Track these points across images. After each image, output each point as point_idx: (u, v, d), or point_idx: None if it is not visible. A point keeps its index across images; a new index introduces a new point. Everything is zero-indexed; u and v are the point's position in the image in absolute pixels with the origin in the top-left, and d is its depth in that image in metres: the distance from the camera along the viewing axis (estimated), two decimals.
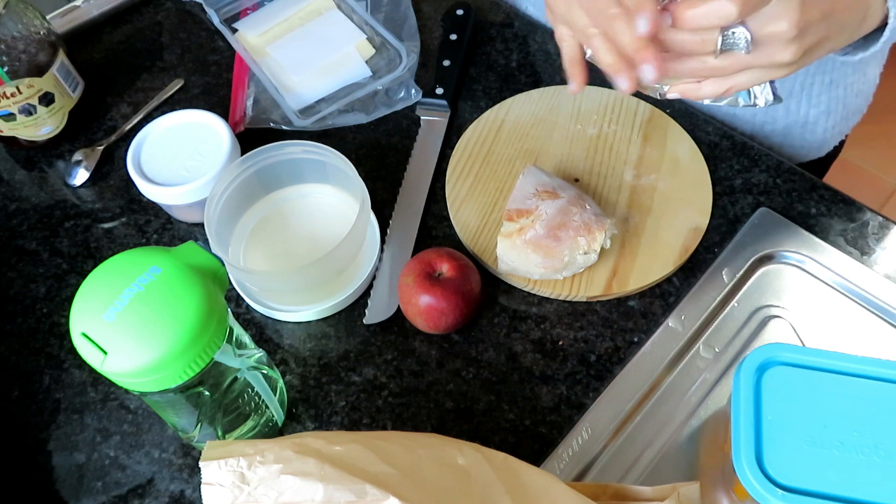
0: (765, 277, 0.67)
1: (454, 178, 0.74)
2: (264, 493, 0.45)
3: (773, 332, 0.65)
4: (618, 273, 0.67)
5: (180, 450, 0.62)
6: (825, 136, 0.84)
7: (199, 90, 0.84)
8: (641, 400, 0.62)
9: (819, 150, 0.86)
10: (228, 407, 0.55)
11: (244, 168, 0.67)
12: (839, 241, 0.68)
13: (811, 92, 0.79)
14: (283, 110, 0.79)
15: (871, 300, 0.65)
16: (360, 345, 0.66)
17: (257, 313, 0.68)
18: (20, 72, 0.71)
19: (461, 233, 0.70)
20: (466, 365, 0.64)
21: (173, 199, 0.69)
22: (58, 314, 0.69)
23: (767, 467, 0.50)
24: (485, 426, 0.62)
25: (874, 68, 0.83)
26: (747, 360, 0.54)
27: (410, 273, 0.63)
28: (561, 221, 0.64)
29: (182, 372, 0.47)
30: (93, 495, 0.60)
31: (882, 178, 1.88)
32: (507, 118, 0.77)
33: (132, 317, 0.46)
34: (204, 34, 0.88)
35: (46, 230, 0.74)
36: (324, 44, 0.84)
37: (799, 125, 0.82)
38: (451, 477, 0.48)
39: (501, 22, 0.87)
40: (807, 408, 0.52)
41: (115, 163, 0.79)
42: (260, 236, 0.71)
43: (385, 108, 0.80)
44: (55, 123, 0.77)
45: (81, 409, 0.64)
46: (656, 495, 0.51)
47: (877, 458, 0.50)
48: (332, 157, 0.67)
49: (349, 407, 0.63)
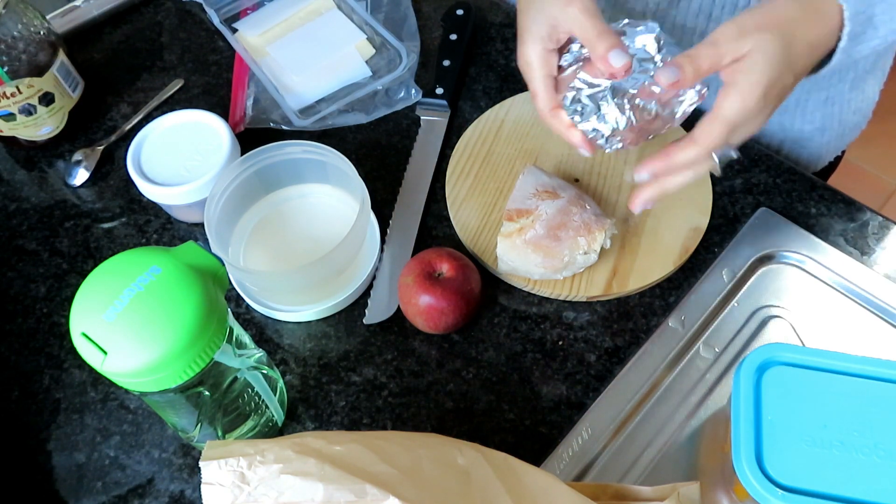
0: (765, 277, 0.67)
1: (454, 178, 0.74)
2: (264, 493, 0.45)
3: (773, 332, 0.65)
4: (618, 273, 0.67)
5: (180, 450, 0.62)
6: (820, 151, 0.84)
7: (199, 90, 0.84)
8: (641, 400, 0.62)
9: (814, 166, 0.85)
10: (228, 407, 0.55)
11: (244, 168, 0.67)
12: (839, 241, 0.68)
13: (805, 108, 0.79)
14: (283, 110, 0.79)
15: (871, 300, 0.65)
16: (360, 345, 0.66)
17: (257, 313, 0.68)
18: (20, 72, 0.71)
19: (461, 233, 0.70)
20: (466, 365, 0.64)
21: (173, 199, 0.69)
22: (58, 314, 0.69)
23: (767, 467, 0.50)
24: (485, 426, 0.62)
25: (873, 85, 0.82)
26: (747, 360, 0.54)
27: (410, 273, 0.63)
28: (561, 221, 0.64)
29: (182, 372, 0.47)
30: (93, 495, 0.60)
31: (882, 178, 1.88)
32: (507, 118, 0.77)
33: (132, 317, 0.46)
34: (204, 34, 0.88)
35: (46, 230, 0.74)
36: (324, 44, 0.84)
37: (791, 141, 0.81)
38: (451, 477, 0.48)
39: (501, 22, 0.87)
40: (807, 408, 0.52)
41: (115, 163, 0.79)
42: (260, 236, 0.71)
43: (385, 108, 0.80)
44: (55, 123, 0.77)
45: (81, 409, 0.64)
46: (656, 495, 0.51)
47: (877, 458, 0.50)
48: (332, 157, 0.67)
49: (349, 407, 0.63)
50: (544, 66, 0.59)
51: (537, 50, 0.59)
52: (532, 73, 0.60)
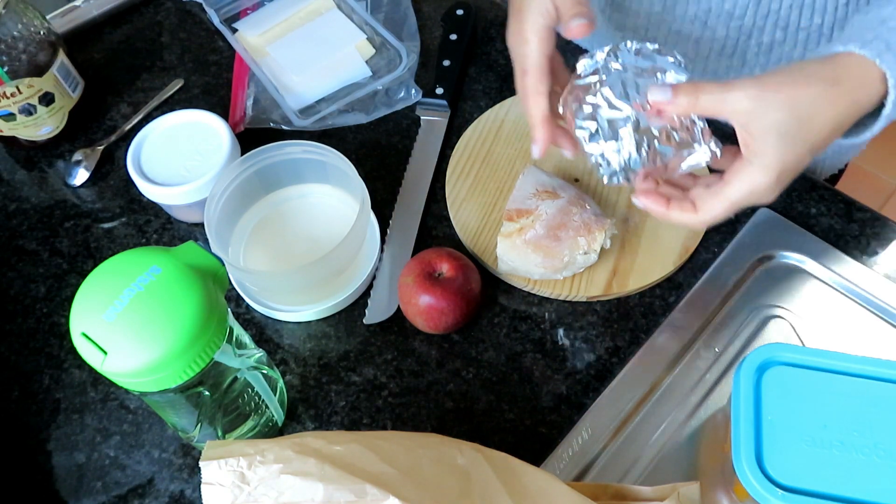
0: (765, 277, 0.67)
1: (454, 178, 0.74)
2: (264, 493, 0.45)
3: (773, 332, 0.65)
4: (618, 273, 0.67)
5: (180, 450, 0.62)
6: (815, 167, 0.84)
7: (199, 90, 0.84)
8: (641, 400, 0.62)
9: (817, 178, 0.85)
10: (228, 407, 0.55)
11: (244, 168, 0.67)
12: (839, 242, 0.68)
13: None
14: (283, 110, 0.79)
15: (871, 300, 0.65)
16: (360, 345, 0.66)
17: (257, 313, 0.68)
18: (20, 72, 0.71)
19: (461, 233, 0.70)
20: (466, 365, 0.64)
21: (173, 199, 0.69)
22: (58, 314, 0.69)
23: (767, 467, 0.50)
24: (485, 426, 0.62)
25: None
26: (747, 360, 0.54)
27: (410, 273, 0.63)
28: (561, 221, 0.64)
29: (182, 372, 0.47)
30: (93, 495, 0.60)
31: (882, 178, 1.88)
32: (507, 118, 0.77)
33: (132, 317, 0.46)
34: (204, 34, 0.88)
35: (46, 230, 0.74)
36: (324, 44, 0.84)
37: None
38: (451, 477, 0.48)
39: (501, 22, 0.87)
40: (807, 408, 0.52)
41: (115, 163, 0.79)
42: (260, 236, 0.71)
43: (385, 108, 0.80)
44: (55, 123, 0.77)
45: (81, 409, 0.64)
46: (656, 495, 0.51)
47: (877, 458, 0.50)
48: (332, 157, 0.67)
49: (349, 407, 0.63)
50: (543, 44, 0.55)
51: (538, 24, 0.55)
52: (528, 49, 0.56)
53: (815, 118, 0.48)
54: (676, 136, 0.53)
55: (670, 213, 0.53)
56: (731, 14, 0.69)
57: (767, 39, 0.71)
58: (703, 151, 0.53)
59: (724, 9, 0.69)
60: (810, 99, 0.48)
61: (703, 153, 0.53)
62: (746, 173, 0.50)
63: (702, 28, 0.72)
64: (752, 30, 0.70)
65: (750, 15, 0.69)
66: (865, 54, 0.49)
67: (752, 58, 0.73)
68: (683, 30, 0.73)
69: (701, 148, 0.53)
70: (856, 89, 0.49)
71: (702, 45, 0.73)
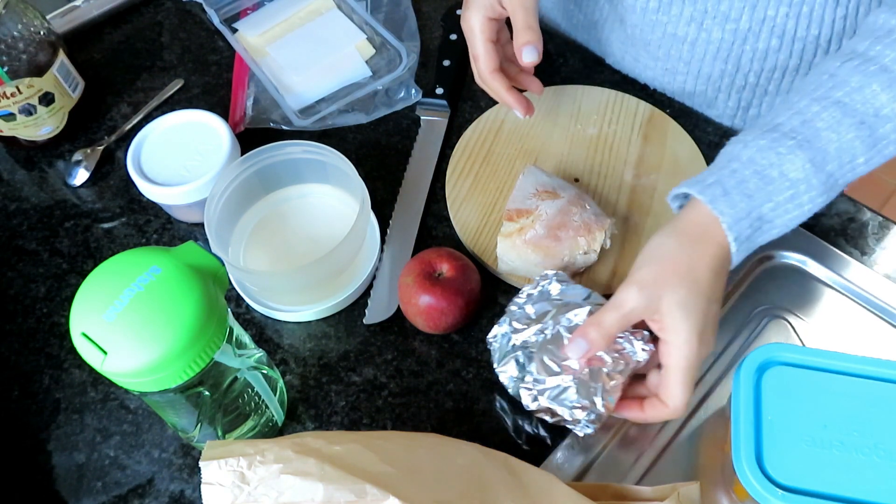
0: (765, 277, 0.67)
1: (454, 178, 0.74)
2: (264, 493, 0.45)
3: (772, 332, 0.65)
4: (618, 273, 0.67)
5: (180, 450, 0.62)
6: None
7: (199, 90, 0.84)
8: None
9: None
10: (228, 407, 0.55)
11: (244, 168, 0.67)
12: (839, 241, 0.68)
13: None
14: (283, 110, 0.79)
15: (871, 300, 0.65)
16: (360, 345, 0.66)
17: (257, 313, 0.68)
18: (20, 72, 0.71)
19: (461, 233, 0.70)
20: (466, 365, 0.64)
21: (173, 199, 0.69)
22: (58, 314, 0.69)
23: (767, 467, 0.50)
24: (485, 426, 0.62)
25: None
26: (747, 360, 0.54)
27: (410, 273, 0.63)
28: (561, 221, 0.64)
29: (182, 372, 0.47)
30: (93, 495, 0.60)
31: (882, 178, 1.88)
32: (507, 118, 0.77)
33: (132, 317, 0.46)
34: (204, 34, 0.88)
35: (46, 230, 0.74)
36: (324, 44, 0.84)
37: None
38: (451, 477, 0.48)
39: None
40: (807, 408, 0.52)
41: (115, 163, 0.79)
42: (260, 236, 0.71)
43: (385, 108, 0.80)
44: (55, 123, 0.77)
45: (81, 409, 0.64)
46: (656, 495, 0.51)
47: (877, 458, 0.50)
48: (332, 157, 0.67)
49: (349, 407, 0.63)
50: (485, 32, 0.67)
51: (480, 17, 0.67)
52: (474, 37, 0.67)
53: (695, 273, 0.52)
54: (613, 364, 0.55)
55: (647, 416, 0.55)
56: (727, 16, 0.69)
57: (763, 45, 0.71)
58: (640, 350, 0.56)
59: (720, 10, 0.69)
60: (680, 263, 0.52)
61: (640, 353, 0.56)
62: (674, 350, 0.52)
63: (697, 30, 0.72)
64: (747, 34, 0.70)
65: (745, 19, 0.69)
66: (702, 199, 0.53)
67: (747, 63, 0.73)
68: (679, 32, 0.73)
69: (637, 349, 0.56)
70: (712, 240, 0.53)
71: (697, 48, 0.73)
